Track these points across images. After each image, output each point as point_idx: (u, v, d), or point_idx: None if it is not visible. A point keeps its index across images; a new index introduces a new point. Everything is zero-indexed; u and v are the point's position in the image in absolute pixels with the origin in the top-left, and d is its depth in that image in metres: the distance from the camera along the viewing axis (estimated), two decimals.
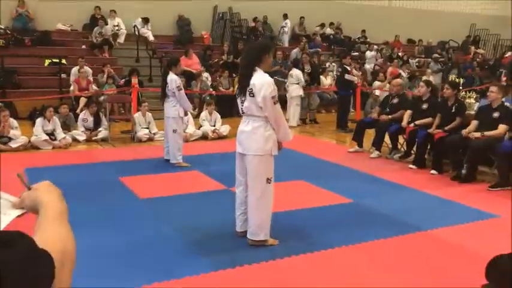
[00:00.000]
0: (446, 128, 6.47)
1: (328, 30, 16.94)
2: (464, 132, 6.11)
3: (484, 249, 3.49)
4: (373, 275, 3.48)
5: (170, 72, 6.61)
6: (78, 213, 4.62)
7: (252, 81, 3.71)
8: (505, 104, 6.35)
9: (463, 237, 4.17)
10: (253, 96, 3.71)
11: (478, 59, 16.92)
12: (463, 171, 6.08)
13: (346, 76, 10.01)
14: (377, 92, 10.81)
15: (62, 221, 0.93)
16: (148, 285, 3.23)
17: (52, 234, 0.85)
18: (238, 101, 3.90)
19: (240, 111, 3.93)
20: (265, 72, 3.81)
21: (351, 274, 3.48)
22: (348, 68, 10.16)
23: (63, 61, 11.77)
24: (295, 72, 10.49)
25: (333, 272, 3.50)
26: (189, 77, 12.03)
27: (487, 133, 5.93)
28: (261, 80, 3.70)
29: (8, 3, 12.23)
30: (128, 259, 3.65)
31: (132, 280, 3.28)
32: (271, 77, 3.85)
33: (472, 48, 18.42)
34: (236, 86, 4.04)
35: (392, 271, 3.54)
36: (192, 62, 12.59)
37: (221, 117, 9.47)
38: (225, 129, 9.06)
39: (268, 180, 3.88)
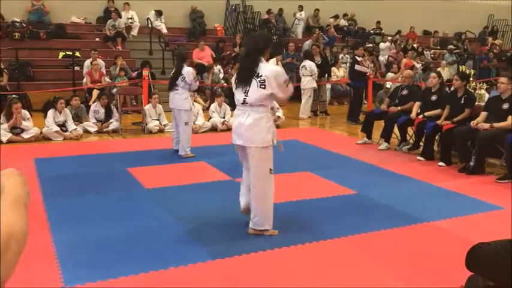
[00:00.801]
0: (454, 120, 6.40)
1: (342, 22, 16.81)
2: (472, 123, 6.04)
3: (482, 241, 3.45)
4: (370, 266, 3.48)
5: (184, 65, 6.67)
6: (82, 202, 4.74)
7: (261, 72, 3.71)
8: None
9: (465, 229, 4.14)
10: (265, 87, 3.70)
11: (495, 50, 16.62)
12: (471, 163, 6.01)
13: (356, 67, 9.94)
14: (388, 84, 10.71)
15: (18, 207, 0.97)
16: (145, 273, 3.29)
17: (3, 219, 0.91)
18: (239, 91, 3.84)
19: (239, 102, 3.85)
20: None
21: (348, 265, 3.49)
22: (359, 59, 10.08)
23: (77, 54, 11.91)
24: (308, 63, 10.42)
25: (331, 263, 3.51)
26: (200, 70, 12.09)
27: (496, 124, 5.85)
28: (272, 70, 3.79)
29: None
30: (126, 247, 3.71)
31: (129, 267, 3.33)
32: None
33: (490, 39, 18.09)
34: (234, 77, 3.98)
35: (390, 262, 3.53)
36: (204, 55, 12.63)
37: (231, 109, 9.50)
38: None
39: (271, 171, 3.93)
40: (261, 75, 3.71)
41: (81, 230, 4.05)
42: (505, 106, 5.92)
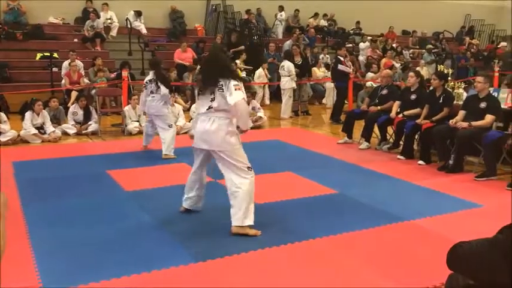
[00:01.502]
0: (433, 119, 6.48)
1: (322, 22, 16.90)
2: (451, 122, 6.12)
3: (462, 238, 3.48)
4: (353, 265, 3.49)
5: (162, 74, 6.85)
6: (61, 205, 4.67)
7: (221, 81, 3.90)
8: (492, 94, 6.35)
9: (443, 226, 4.19)
10: (223, 92, 3.88)
11: (472, 50, 16.89)
12: (450, 162, 6.09)
13: (339, 67, 10.00)
14: (368, 84, 10.80)
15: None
16: (127, 277, 3.25)
17: None
18: (202, 99, 4.01)
19: (204, 110, 3.99)
20: None
21: (331, 264, 3.49)
22: (341, 59, 10.15)
23: (55, 55, 11.74)
24: (287, 64, 10.48)
25: (314, 263, 3.51)
26: (182, 70, 12.03)
27: (474, 123, 5.93)
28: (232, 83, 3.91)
29: None
30: (107, 251, 3.66)
31: (111, 271, 3.29)
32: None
33: (467, 38, 18.39)
34: (197, 86, 4.15)
35: (372, 261, 3.55)
36: (186, 56, 12.59)
37: None
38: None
39: (249, 168, 4.05)
40: (222, 83, 3.91)
41: (60, 233, 3.98)
42: (483, 105, 6.01)
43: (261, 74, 12.19)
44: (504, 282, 1.55)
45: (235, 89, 3.85)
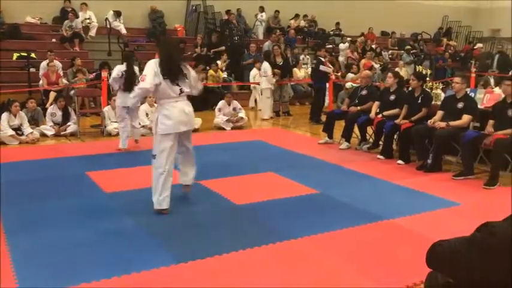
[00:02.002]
0: (412, 119, 6.56)
1: (302, 23, 16.97)
2: (429, 122, 6.20)
3: (440, 236, 3.53)
4: (334, 264, 3.52)
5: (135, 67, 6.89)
6: (39, 208, 4.59)
7: (184, 69, 4.47)
8: (469, 94, 6.45)
9: (422, 225, 4.25)
10: (188, 79, 4.48)
11: (450, 51, 17.15)
12: (429, 161, 6.18)
13: (321, 67, 10.07)
14: (348, 85, 10.89)
15: None
16: (107, 279, 3.21)
17: None
18: (169, 84, 4.37)
19: (176, 94, 4.40)
20: None
21: (312, 264, 3.51)
22: (323, 60, 10.21)
23: (33, 55, 11.56)
24: (264, 65, 10.58)
25: (296, 263, 3.52)
26: None
27: (451, 123, 6.02)
28: (188, 67, 4.61)
29: None
30: (87, 253, 3.61)
31: (91, 274, 3.26)
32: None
33: (444, 40, 18.67)
34: (162, 73, 4.40)
35: (352, 260, 3.58)
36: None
37: (194, 111, 9.42)
38: (196, 122, 9.00)
39: None
40: (187, 70, 4.52)
41: (38, 236, 3.92)
42: (460, 105, 6.11)
43: (255, 74, 12.08)
44: (481, 280, 1.58)
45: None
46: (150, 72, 4.31)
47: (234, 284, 3.20)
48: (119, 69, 7.10)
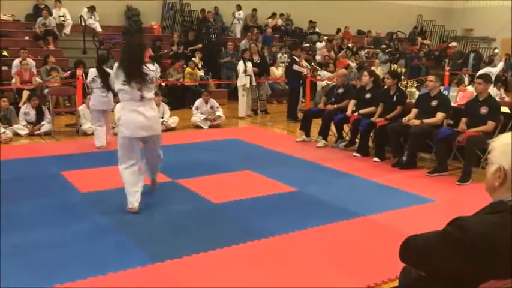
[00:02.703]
0: (387, 117, 6.64)
1: (280, 22, 17.01)
2: (404, 120, 6.29)
3: (415, 232, 3.59)
4: (311, 261, 3.54)
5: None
6: (13, 208, 4.50)
7: (148, 72, 4.40)
8: (443, 92, 6.56)
9: (398, 221, 4.31)
10: (152, 82, 4.45)
11: (424, 50, 17.42)
12: (404, 158, 6.26)
13: (294, 67, 10.10)
14: (323, 83, 10.96)
15: None
16: (83, 280, 3.17)
17: None
18: (128, 88, 4.34)
19: (138, 98, 4.36)
20: None
21: (289, 261, 3.53)
22: (297, 59, 10.25)
23: (5, 53, 11.32)
24: (240, 63, 10.58)
25: (271, 261, 3.53)
26: None
27: (426, 121, 6.12)
28: (152, 68, 4.52)
29: None
30: (61, 254, 3.56)
31: (66, 275, 3.21)
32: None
33: (419, 39, 18.95)
34: (122, 76, 4.40)
35: (329, 257, 3.61)
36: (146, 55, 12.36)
37: (170, 109, 9.39)
38: (173, 121, 8.98)
39: None
40: (150, 73, 4.44)
41: (13, 237, 3.84)
42: (434, 103, 6.21)
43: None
44: (451, 273, 1.61)
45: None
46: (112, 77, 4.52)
47: (212, 283, 3.19)
48: (91, 73, 7.18)
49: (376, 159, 6.61)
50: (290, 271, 3.38)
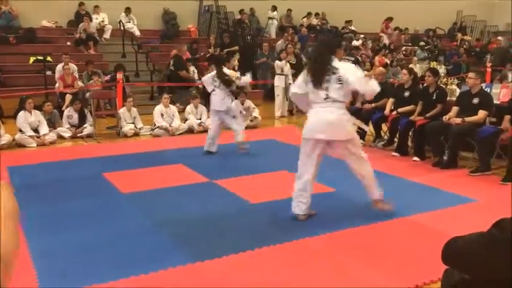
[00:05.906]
0: (427, 115, 6.52)
1: (314, 21, 16.92)
2: (445, 118, 6.16)
3: (457, 233, 3.51)
4: (350, 262, 3.52)
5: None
6: (57, 209, 4.66)
7: (338, 71, 4.03)
8: (485, 89, 6.39)
9: (439, 222, 4.23)
10: (342, 83, 4.04)
11: (464, 46, 16.96)
12: (445, 157, 6.13)
13: None
14: None
15: (8, 222, 0.94)
16: (125, 279, 3.26)
17: None
18: (314, 89, 4.13)
19: (321, 99, 4.14)
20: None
21: (330, 262, 3.52)
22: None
23: (48, 58, 11.70)
24: (277, 63, 10.62)
25: (311, 261, 3.53)
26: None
27: (467, 119, 5.97)
28: (346, 66, 4.14)
29: None
30: (104, 253, 3.67)
31: (108, 273, 3.31)
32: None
33: (459, 35, 18.46)
34: (307, 79, 4.20)
35: (369, 257, 3.58)
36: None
37: (208, 111, 9.48)
38: (210, 122, 9.05)
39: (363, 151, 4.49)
40: (341, 73, 4.04)
41: (57, 237, 3.98)
42: (475, 100, 6.05)
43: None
44: (496, 276, 1.58)
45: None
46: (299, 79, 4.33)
47: (251, 283, 3.22)
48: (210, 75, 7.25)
49: (415, 158, 6.50)
50: (329, 271, 3.37)
